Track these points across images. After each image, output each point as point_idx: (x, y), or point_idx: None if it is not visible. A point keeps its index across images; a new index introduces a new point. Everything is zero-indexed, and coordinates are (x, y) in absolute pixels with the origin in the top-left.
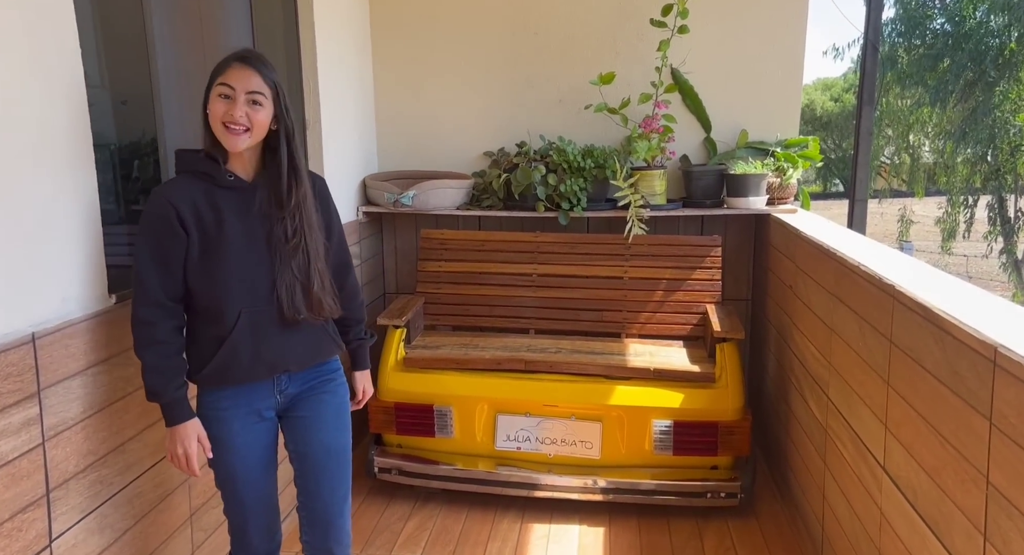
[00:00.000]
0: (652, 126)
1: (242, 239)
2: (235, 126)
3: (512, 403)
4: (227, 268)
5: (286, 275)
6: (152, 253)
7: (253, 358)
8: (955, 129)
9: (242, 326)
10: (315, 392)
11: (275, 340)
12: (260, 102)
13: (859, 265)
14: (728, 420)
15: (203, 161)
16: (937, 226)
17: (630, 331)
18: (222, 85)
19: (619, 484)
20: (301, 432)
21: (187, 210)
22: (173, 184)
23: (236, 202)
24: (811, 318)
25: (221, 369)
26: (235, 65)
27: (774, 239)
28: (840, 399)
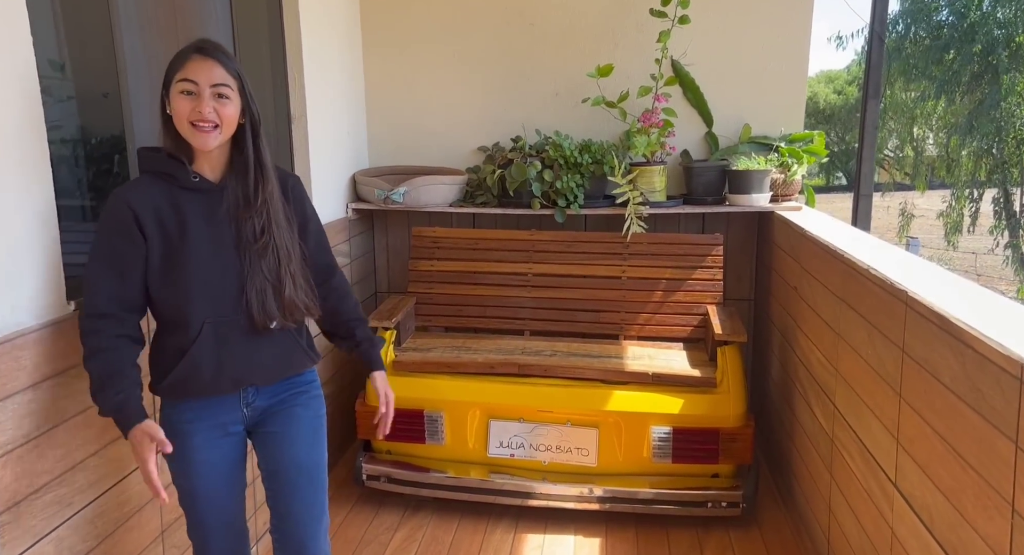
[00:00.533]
0: (652, 120)
1: (207, 245)
2: (204, 123)
3: (505, 408)
4: (190, 276)
5: (256, 278)
6: (105, 258)
7: (216, 371)
8: (961, 122)
9: (205, 337)
10: (286, 405)
11: (241, 352)
12: (227, 95)
13: (868, 268)
14: (730, 427)
15: (166, 161)
16: (939, 220)
17: (628, 333)
18: (184, 81)
19: (616, 493)
20: (272, 449)
21: (147, 214)
22: (134, 185)
23: (201, 205)
24: (816, 321)
25: (182, 381)
26: (194, 58)
27: (778, 238)
28: (848, 408)
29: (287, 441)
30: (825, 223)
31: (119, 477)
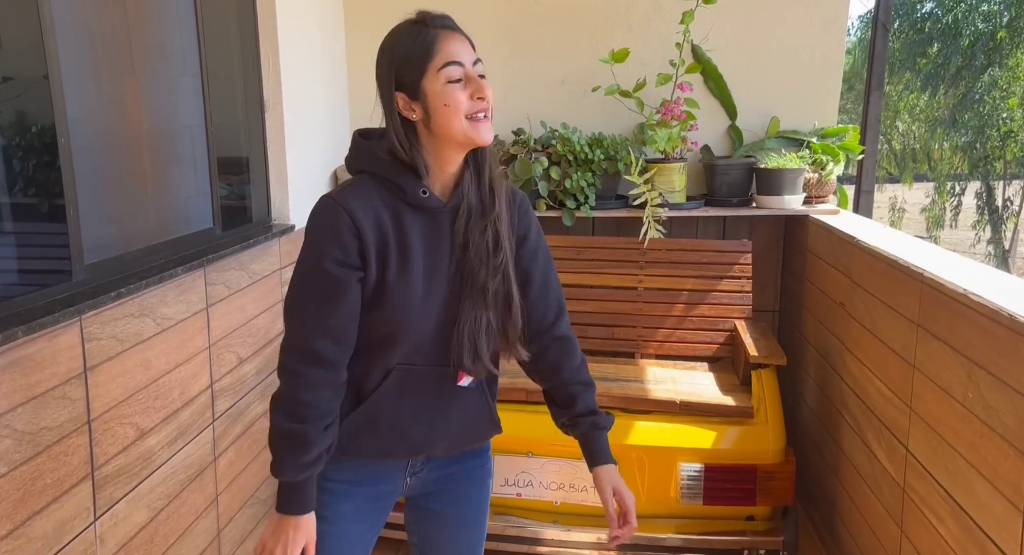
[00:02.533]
0: (673, 112)
1: (422, 280)
2: (482, 113)
3: (511, 441)
4: (400, 317)
5: (475, 309)
6: (315, 280)
7: (394, 429)
8: (944, 115)
9: (390, 386)
10: (456, 483)
11: (426, 410)
12: (484, 72)
13: (966, 293)
14: (768, 463)
15: (395, 166)
16: (922, 214)
17: (646, 351)
18: (450, 66)
19: (639, 538)
20: (432, 531)
21: (371, 231)
22: (356, 192)
23: (424, 229)
24: (877, 347)
25: (351, 435)
26: (444, 34)
27: (814, 245)
28: (931, 458)
29: (452, 526)
30: (879, 230)
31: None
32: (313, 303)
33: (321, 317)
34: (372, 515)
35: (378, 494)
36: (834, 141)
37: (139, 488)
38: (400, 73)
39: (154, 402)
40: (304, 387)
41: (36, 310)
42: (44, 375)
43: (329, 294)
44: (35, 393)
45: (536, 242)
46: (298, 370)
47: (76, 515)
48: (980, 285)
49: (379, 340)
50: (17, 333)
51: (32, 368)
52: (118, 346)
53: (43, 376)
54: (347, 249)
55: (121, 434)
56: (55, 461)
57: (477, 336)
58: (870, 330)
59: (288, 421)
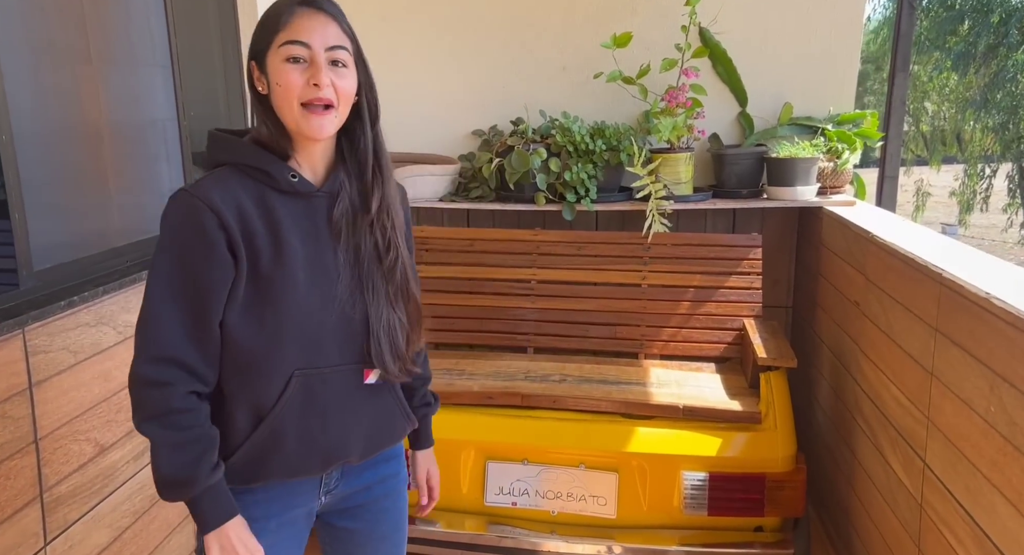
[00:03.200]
0: (678, 99)
1: (305, 270)
2: (319, 101)
3: (506, 448)
4: (283, 312)
5: (383, 310)
6: (176, 282)
7: (304, 444)
8: (975, 96)
9: (293, 395)
10: (372, 496)
11: (336, 417)
12: (344, 62)
13: (988, 297)
14: (777, 472)
15: (259, 153)
16: (952, 198)
17: (650, 351)
18: (291, 44)
19: (640, 551)
20: (352, 548)
21: (235, 223)
22: (215, 183)
23: (298, 215)
24: (893, 350)
25: (255, 459)
26: (301, 11)
27: (828, 239)
28: (950, 474)
29: (372, 542)
30: (897, 224)
31: None
32: (177, 309)
33: (186, 324)
34: (290, 542)
35: (294, 519)
36: (851, 128)
37: (99, 508)
38: (254, 41)
39: (116, 416)
40: (177, 397)
41: None
42: None
43: (194, 297)
44: None
45: (409, 232)
46: (165, 379)
47: (21, 542)
48: (1005, 288)
49: (270, 343)
50: None
51: None
52: (71, 358)
53: None
54: (212, 246)
55: (76, 451)
56: None
57: (394, 337)
58: (886, 332)
59: (176, 432)
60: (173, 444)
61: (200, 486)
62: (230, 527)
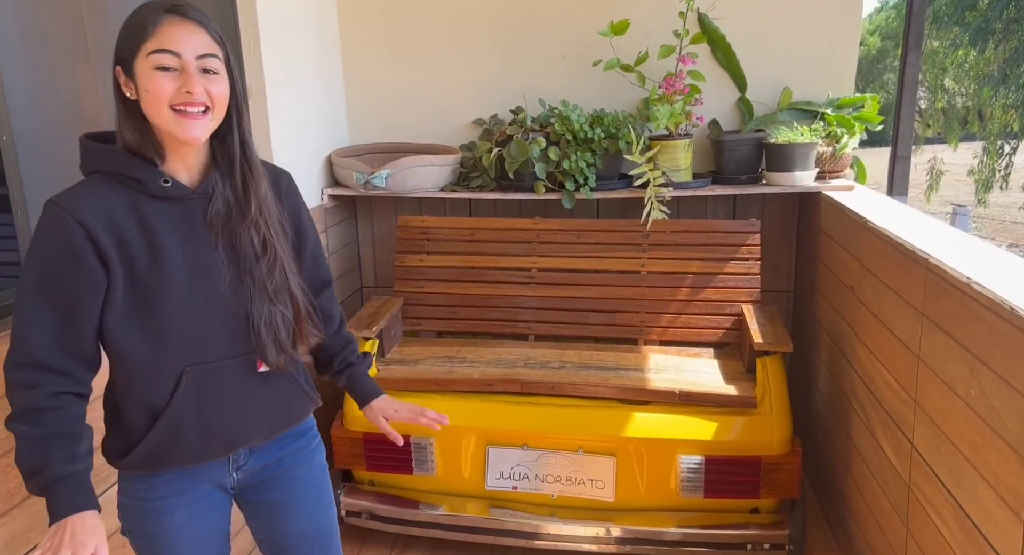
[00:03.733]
0: (676, 86)
1: (184, 272)
2: (193, 106)
3: (506, 434)
4: (167, 314)
5: (263, 307)
6: (44, 292)
7: (203, 435)
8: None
9: (186, 392)
10: (285, 467)
11: (233, 406)
12: (214, 69)
13: (969, 282)
14: (773, 454)
15: (128, 159)
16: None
17: (649, 337)
18: (160, 53)
19: (638, 533)
20: (274, 520)
21: (105, 233)
22: (83, 193)
23: (175, 218)
24: (884, 335)
25: (155, 454)
26: (168, 20)
27: (826, 224)
28: (935, 456)
29: (291, 510)
30: (891, 209)
31: None
32: (45, 317)
33: (53, 331)
34: (208, 514)
35: (206, 493)
36: (850, 112)
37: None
38: (120, 46)
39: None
40: (42, 397)
41: None
42: None
43: (62, 306)
44: None
45: (307, 219)
46: (33, 382)
47: (32, 526)
48: (989, 273)
49: (156, 344)
50: None
51: None
52: None
53: None
54: (79, 256)
55: None
56: (1, 475)
57: (277, 331)
58: (878, 317)
59: (37, 428)
60: (33, 438)
61: (53, 474)
62: (74, 519)
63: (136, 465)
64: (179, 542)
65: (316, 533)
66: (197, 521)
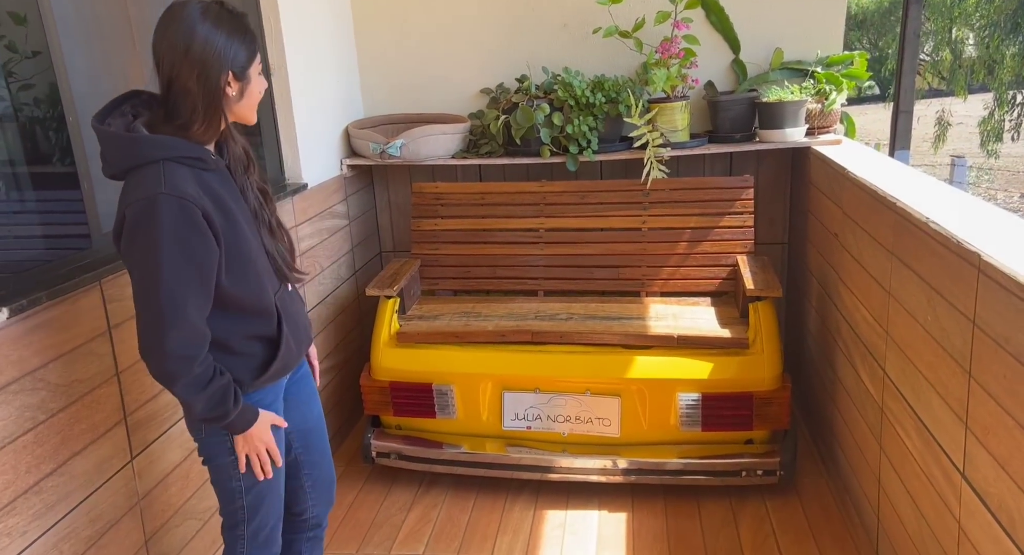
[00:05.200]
0: (671, 51)
1: (246, 223)
2: None
3: (519, 379)
4: (253, 261)
5: (271, 239)
6: (188, 273)
7: (298, 341)
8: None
9: (283, 315)
10: (301, 366)
11: (300, 317)
12: None
13: (927, 220)
14: (764, 390)
15: (186, 143)
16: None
17: (651, 289)
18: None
19: (642, 464)
20: (300, 409)
21: (209, 209)
22: (179, 179)
23: (225, 185)
24: (862, 276)
25: (281, 367)
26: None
27: (815, 177)
28: (901, 378)
29: (312, 396)
30: (870, 160)
31: (87, 492)
32: (192, 296)
33: (200, 307)
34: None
35: (283, 396)
36: (839, 69)
37: (171, 431)
38: (235, 53)
39: None
40: (200, 362)
41: (58, 277)
42: (70, 335)
43: (203, 283)
44: (63, 350)
45: None
46: (190, 354)
47: (114, 454)
48: (946, 214)
49: (257, 286)
50: (41, 298)
51: (58, 329)
52: None
53: (69, 335)
54: (204, 234)
55: (150, 384)
56: (88, 408)
57: (285, 259)
58: (857, 259)
59: (205, 390)
60: (205, 399)
61: (231, 417)
62: (253, 430)
63: (270, 378)
64: (279, 439)
65: (320, 413)
66: (288, 416)
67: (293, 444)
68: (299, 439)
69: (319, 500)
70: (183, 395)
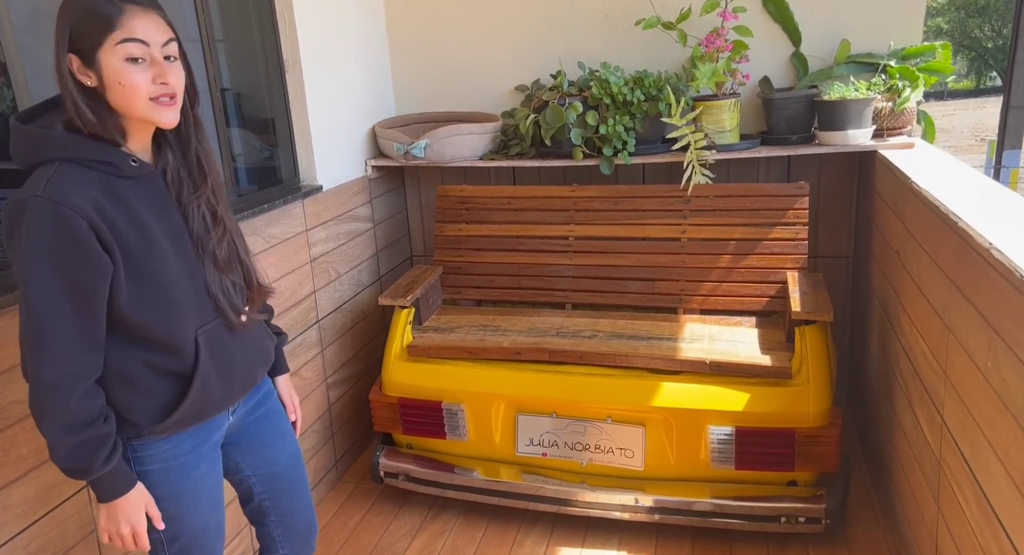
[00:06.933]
0: (716, 44)
1: (170, 244)
2: (166, 97)
3: (535, 401)
4: (169, 284)
5: (215, 273)
6: (58, 289)
7: (224, 384)
8: None
9: (203, 352)
10: (262, 404)
11: (237, 356)
12: (174, 54)
13: (990, 247)
14: (808, 427)
15: (93, 143)
16: None
17: (689, 305)
18: (130, 42)
19: (668, 502)
20: (263, 452)
21: (99, 219)
22: (66, 183)
23: (146, 195)
24: (922, 304)
25: (195, 412)
26: (131, 10)
27: (880, 185)
28: (960, 430)
29: (279, 437)
30: (942, 168)
31: (23, 525)
32: (66, 315)
33: (76, 326)
34: (217, 463)
35: (216, 442)
36: (916, 63)
37: None
38: (76, 36)
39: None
40: (79, 397)
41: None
42: (7, 352)
43: (80, 300)
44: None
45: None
46: (65, 383)
47: (63, 480)
48: (1017, 239)
49: (169, 314)
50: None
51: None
52: None
53: (6, 353)
54: (88, 248)
55: None
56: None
57: (230, 297)
58: (917, 283)
59: (74, 434)
60: (72, 445)
61: (96, 474)
62: (123, 501)
63: (175, 426)
64: (204, 490)
65: (295, 452)
66: (211, 471)
67: (255, 490)
68: (262, 485)
69: (293, 549)
70: (46, 434)
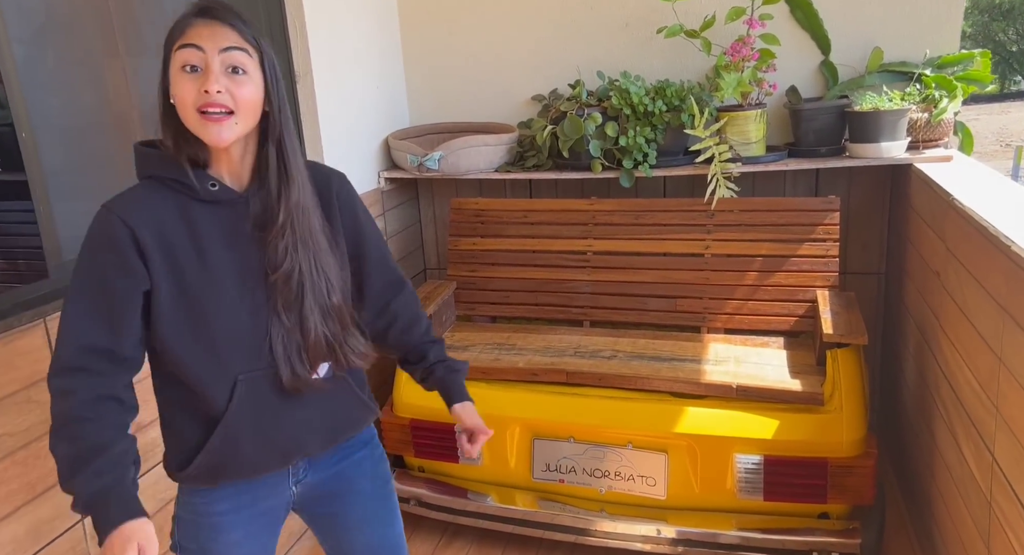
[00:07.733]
0: (741, 53)
1: (233, 276)
2: (213, 107)
3: (551, 426)
4: (217, 320)
5: (275, 322)
6: (87, 295)
7: (260, 445)
8: None
9: (241, 401)
10: (346, 479)
11: (286, 413)
12: (243, 67)
13: None
14: (842, 456)
15: (173, 163)
16: None
17: (713, 324)
18: (186, 48)
19: (691, 534)
20: (340, 534)
21: (151, 236)
22: (132, 198)
23: (222, 222)
24: (967, 330)
25: (214, 465)
26: (198, 20)
27: (915, 200)
28: (1015, 471)
29: (358, 525)
30: (985, 184)
31: None
32: (83, 316)
33: (89, 331)
34: (264, 533)
35: (265, 511)
36: (953, 72)
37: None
38: (165, 52)
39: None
40: (80, 404)
41: None
42: (2, 380)
43: (102, 306)
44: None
45: (366, 220)
46: (68, 386)
47: (56, 515)
48: None
49: (209, 352)
50: None
51: None
52: None
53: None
54: (121, 254)
55: None
56: (21, 466)
57: (288, 345)
58: (961, 308)
59: (73, 443)
60: (71, 458)
61: (87, 493)
62: (113, 536)
63: (196, 477)
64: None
65: (385, 545)
66: (252, 540)
67: None
68: None
69: None
70: (49, 446)
